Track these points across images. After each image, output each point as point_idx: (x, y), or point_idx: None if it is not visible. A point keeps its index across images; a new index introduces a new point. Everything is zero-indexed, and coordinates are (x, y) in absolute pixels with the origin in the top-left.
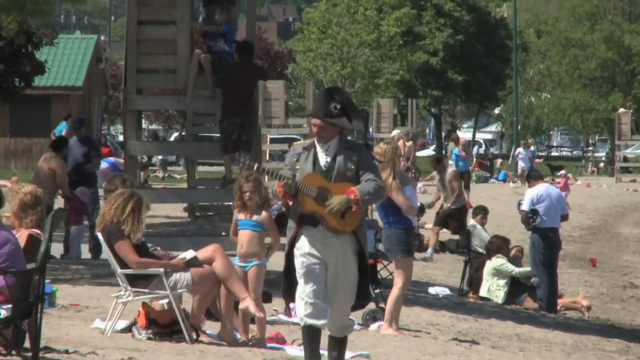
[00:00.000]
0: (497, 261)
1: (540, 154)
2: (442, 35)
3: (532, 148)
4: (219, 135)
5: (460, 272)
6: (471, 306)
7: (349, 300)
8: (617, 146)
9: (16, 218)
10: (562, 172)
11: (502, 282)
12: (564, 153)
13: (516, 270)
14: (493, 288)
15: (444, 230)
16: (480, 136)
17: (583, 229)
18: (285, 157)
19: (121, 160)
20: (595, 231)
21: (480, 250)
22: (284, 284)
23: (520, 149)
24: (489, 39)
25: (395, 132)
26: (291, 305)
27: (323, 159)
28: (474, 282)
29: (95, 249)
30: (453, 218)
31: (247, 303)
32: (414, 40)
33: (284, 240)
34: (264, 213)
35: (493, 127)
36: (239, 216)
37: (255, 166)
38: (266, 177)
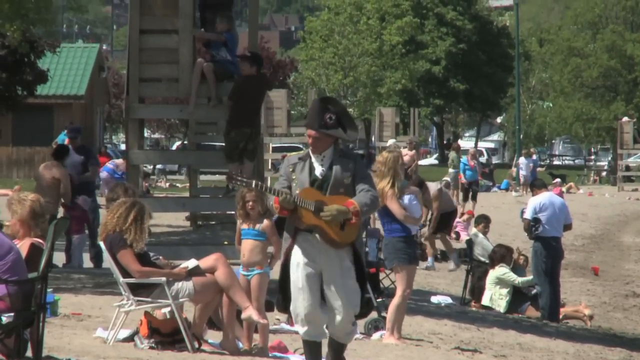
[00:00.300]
0: (500, 270)
1: (542, 162)
2: (445, 44)
3: (534, 157)
4: (221, 144)
5: (462, 281)
6: (473, 315)
7: (350, 308)
8: (619, 155)
9: (23, 226)
10: (557, 180)
11: (505, 291)
12: (566, 162)
13: (519, 279)
14: (495, 297)
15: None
16: (483, 145)
17: (585, 238)
18: (280, 168)
19: (118, 161)
20: (597, 240)
21: (483, 259)
22: (279, 296)
23: (521, 158)
24: (491, 48)
25: (391, 141)
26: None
27: (319, 168)
28: (476, 291)
29: (96, 257)
30: (441, 222)
31: (250, 312)
32: (416, 49)
33: None
34: (265, 222)
35: (495, 136)
36: (242, 226)
37: (254, 183)
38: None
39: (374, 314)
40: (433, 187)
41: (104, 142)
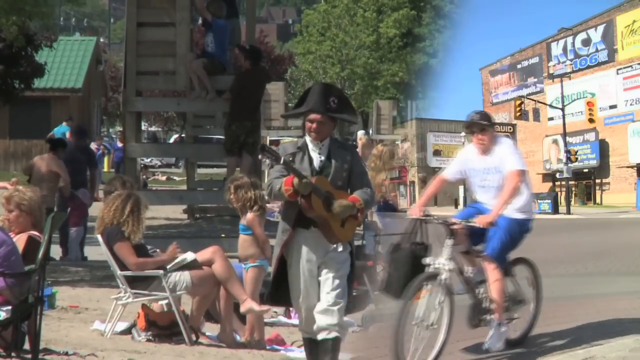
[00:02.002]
0: None
1: None
2: (442, 37)
3: None
4: (218, 137)
5: None
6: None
7: (339, 301)
8: None
9: (21, 220)
10: None
11: None
12: None
13: None
14: None
15: None
16: None
17: None
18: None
19: (93, 145)
20: None
21: None
22: (271, 287)
23: None
24: None
25: (360, 132)
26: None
27: (317, 158)
28: None
29: (64, 244)
30: None
31: (248, 305)
32: (414, 42)
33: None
34: (248, 215)
35: None
36: (241, 220)
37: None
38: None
39: (371, 307)
40: None
41: (102, 134)
